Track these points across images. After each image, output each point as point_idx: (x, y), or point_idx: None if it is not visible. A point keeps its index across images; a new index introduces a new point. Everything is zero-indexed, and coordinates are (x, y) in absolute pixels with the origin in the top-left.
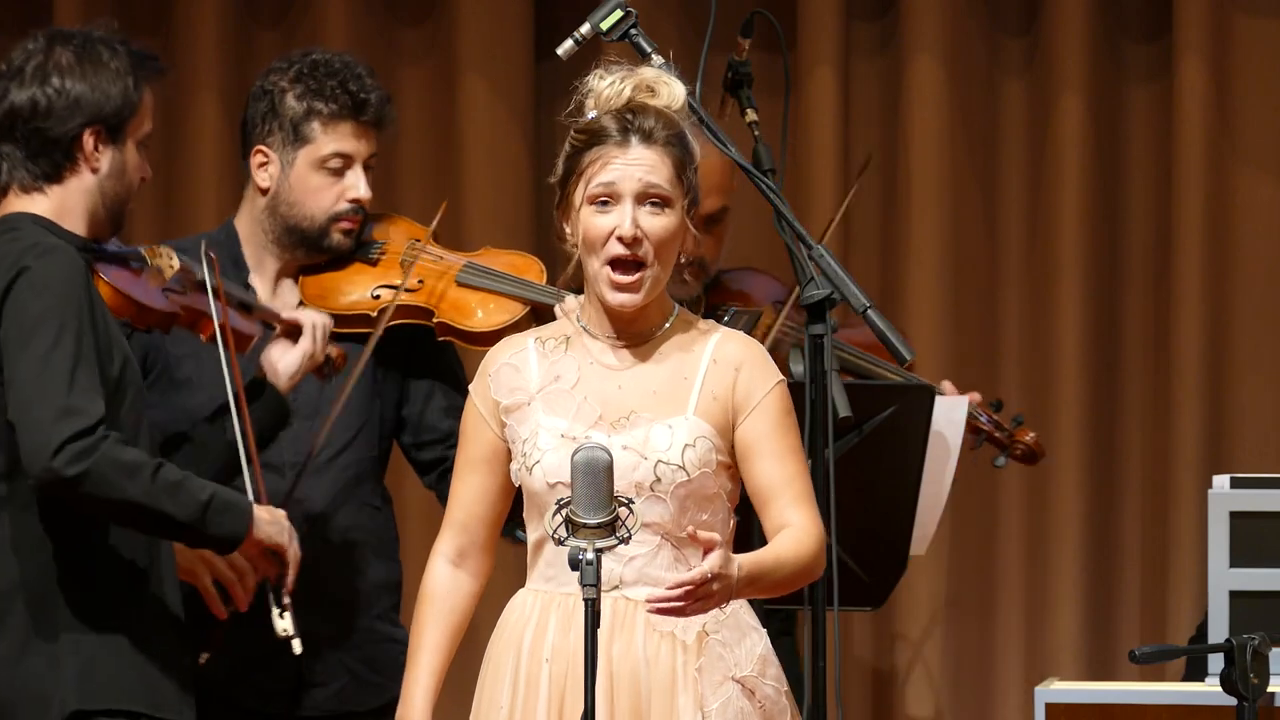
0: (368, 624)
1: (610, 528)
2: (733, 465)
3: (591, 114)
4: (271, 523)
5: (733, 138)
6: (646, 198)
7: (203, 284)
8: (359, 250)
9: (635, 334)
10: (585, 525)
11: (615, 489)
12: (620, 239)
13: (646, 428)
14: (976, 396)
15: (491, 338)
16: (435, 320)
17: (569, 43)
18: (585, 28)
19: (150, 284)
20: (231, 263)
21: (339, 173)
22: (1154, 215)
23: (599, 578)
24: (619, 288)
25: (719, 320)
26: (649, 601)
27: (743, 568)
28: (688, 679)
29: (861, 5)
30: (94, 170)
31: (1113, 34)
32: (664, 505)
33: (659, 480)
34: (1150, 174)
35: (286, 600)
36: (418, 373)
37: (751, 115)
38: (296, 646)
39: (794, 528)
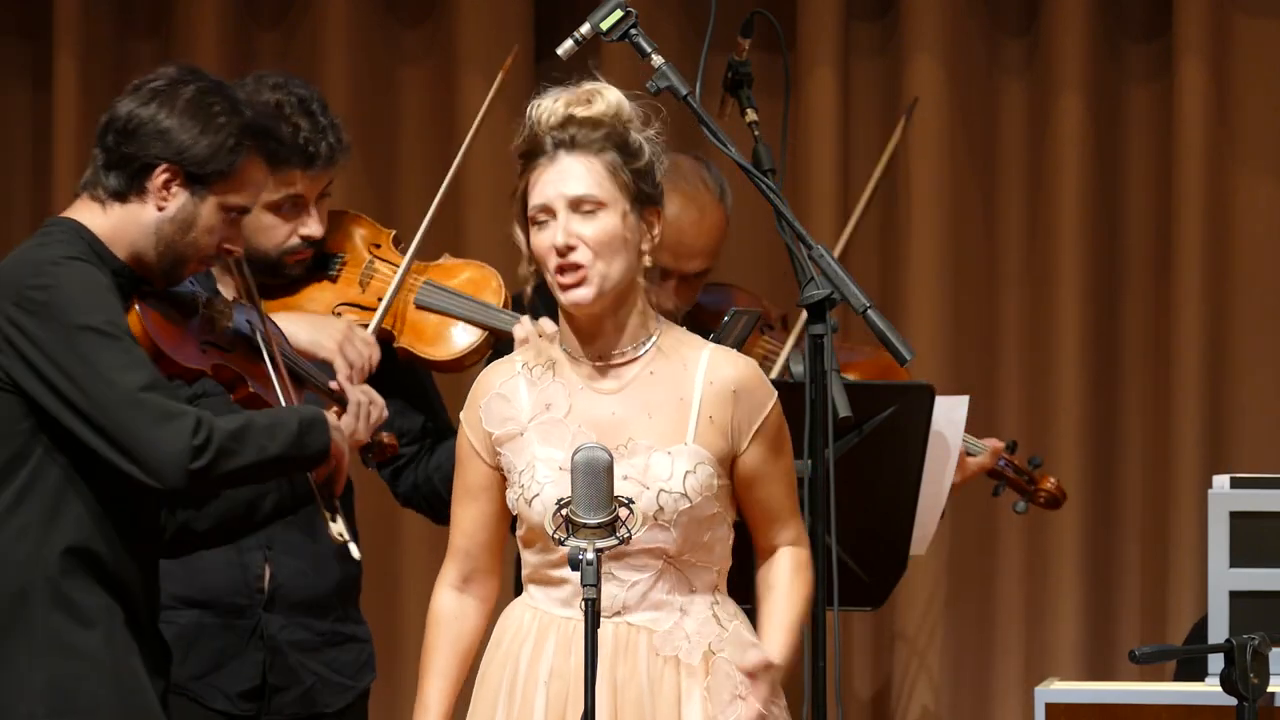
0: (329, 626)
1: (610, 528)
2: (731, 484)
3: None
4: (336, 427)
5: (733, 138)
6: (578, 205)
7: (257, 349)
8: (318, 265)
9: (616, 353)
10: (585, 525)
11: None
12: (556, 250)
13: (645, 456)
14: (998, 444)
15: (450, 365)
16: (396, 344)
17: (569, 43)
18: (585, 28)
19: (191, 333)
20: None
21: (291, 214)
22: (1154, 215)
23: (599, 577)
24: (565, 287)
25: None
26: None
27: (782, 656)
28: (692, 700)
29: (861, 5)
30: (159, 208)
31: (1113, 34)
32: (668, 533)
33: (662, 509)
34: (1150, 174)
35: (336, 504)
36: (381, 375)
37: (751, 115)
38: (354, 551)
39: (787, 570)
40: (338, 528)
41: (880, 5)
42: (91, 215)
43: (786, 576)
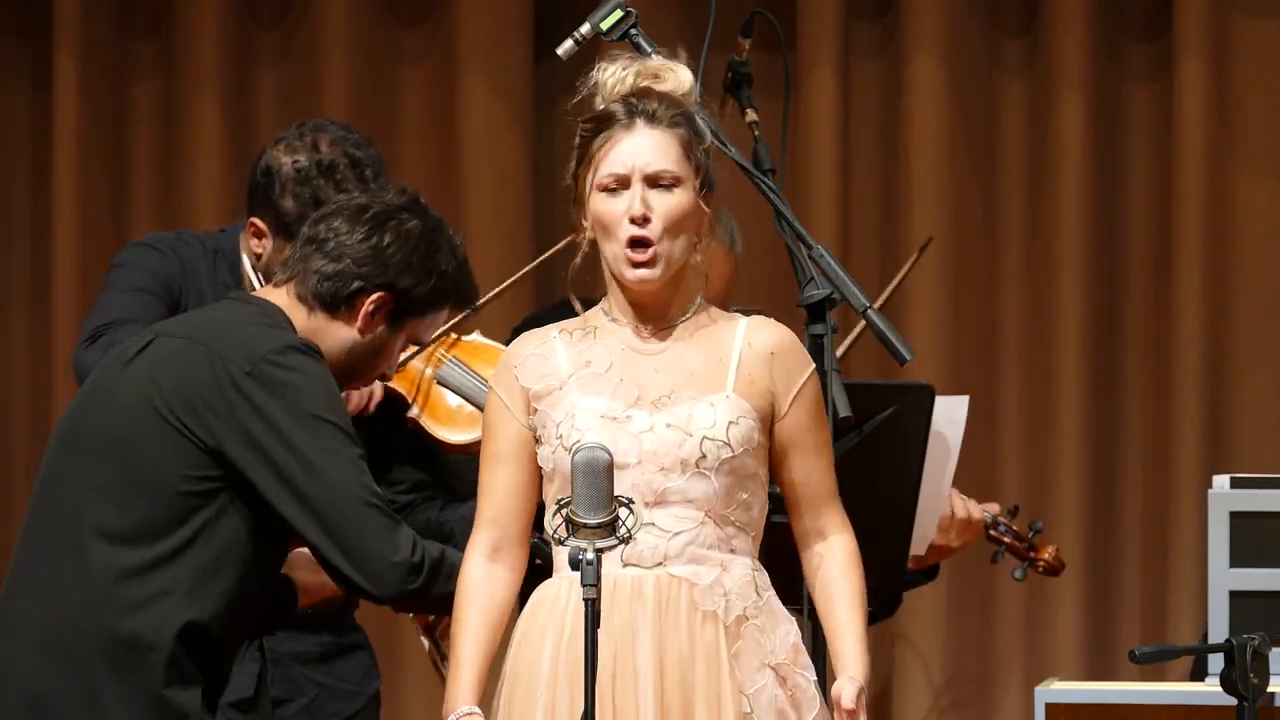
0: (328, 638)
1: (610, 527)
2: (768, 448)
3: (601, 104)
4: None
5: (733, 138)
6: (655, 179)
7: None
8: None
9: (660, 319)
10: (585, 525)
11: (660, 466)
12: (632, 219)
13: (689, 405)
14: (995, 507)
15: (458, 450)
16: (409, 414)
17: (569, 43)
18: (585, 28)
19: None
20: (228, 269)
21: None
22: (1154, 215)
23: (599, 577)
24: (635, 264)
25: None
26: None
27: (859, 668)
28: (728, 663)
29: (861, 5)
30: (360, 332)
31: (1112, 34)
32: (709, 482)
33: (704, 457)
34: (1150, 174)
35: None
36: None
37: (751, 115)
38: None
39: (841, 566)
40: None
41: (880, 5)
42: (296, 313)
43: (842, 574)
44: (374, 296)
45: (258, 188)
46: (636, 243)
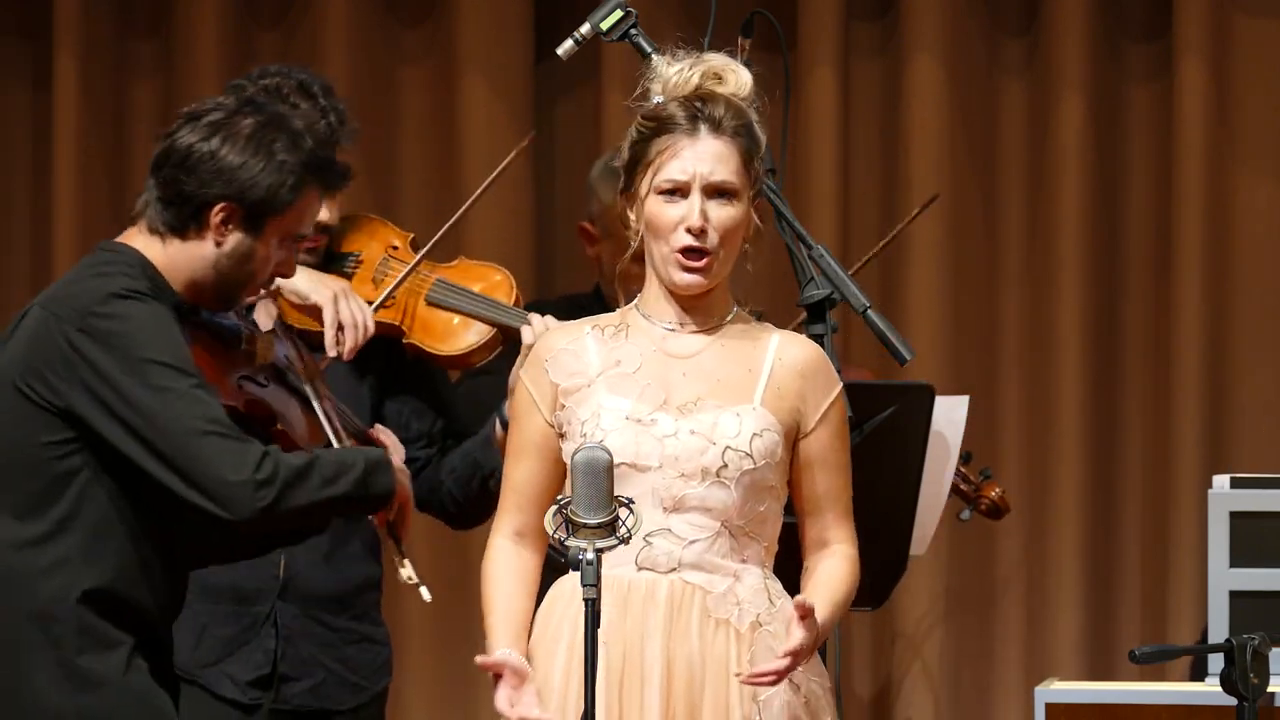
0: (345, 623)
1: (610, 528)
2: (789, 463)
3: (658, 99)
4: (401, 469)
5: None
6: (715, 190)
7: (296, 388)
8: (334, 262)
9: (697, 323)
10: (585, 525)
11: (680, 472)
12: (689, 230)
13: (714, 414)
14: None
15: (458, 360)
16: (405, 340)
17: (569, 43)
18: (585, 28)
19: (230, 367)
20: None
21: None
22: (1154, 215)
23: (599, 577)
24: (688, 270)
25: None
26: (739, 678)
27: (820, 625)
28: (741, 670)
29: (861, 5)
30: (217, 244)
31: (1112, 34)
32: (728, 491)
33: (725, 466)
34: (1150, 174)
35: (403, 547)
36: (395, 376)
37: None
38: (425, 594)
39: (838, 558)
40: (407, 571)
41: (880, 5)
42: (150, 246)
43: (836, 565)
44: (217, 208)
45: None
46: (691, 250)
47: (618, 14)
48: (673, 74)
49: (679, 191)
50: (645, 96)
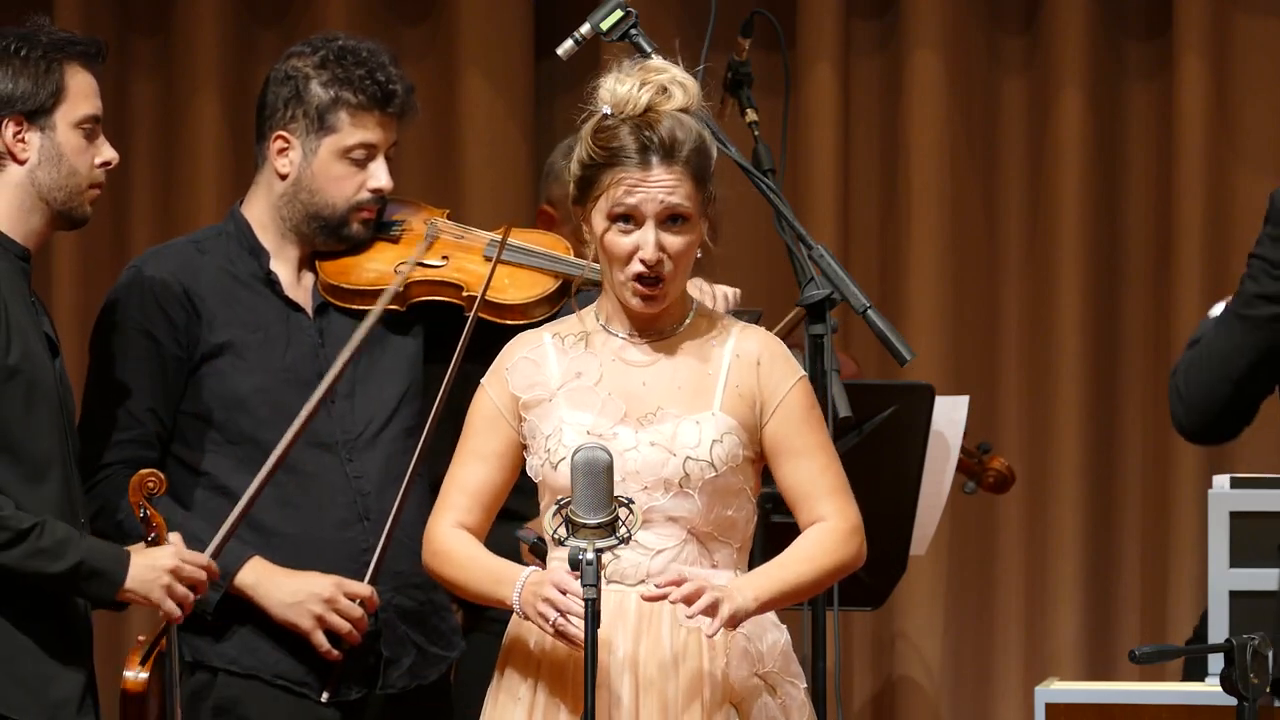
0: (428, 596)
1: (610, 527)
2: (756, 459)
3: (606, 110)
4: (172, 570)
5: (733, 138)
6: (668, 215)
7: None
8: (379, 230)
9: (655, 330)
10: (585, 525)
11: (643, 485)
12: (643, 261)
13: (674, 424)
14: None
15: (525, 310)
16: (465, 294)
17: (569, 43)
18: (585, 28)
19: None
20: (249, 251)
21: (362, 163)
22: (1154, 214)
23: (599, 578)
24: (643, 297)
25: None
26: (643, 597)
27: (759, 598)
28: (715, 675)
29: (861, 3)
30: (21, 161)
31: (1112, 32)
32: (692, 501)
33: (688, 476)
34: (1150, 172)
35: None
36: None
37: (751, 115)
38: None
39: (816, 527)
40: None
41: (880, 3)
42: None
43: (810, 537)
44: (3, 126)
45: (278, 97)
46: (645, 278)
47: (618, 14)
48: (622, 93)
49: (633, 219)
50: (594, 114)
